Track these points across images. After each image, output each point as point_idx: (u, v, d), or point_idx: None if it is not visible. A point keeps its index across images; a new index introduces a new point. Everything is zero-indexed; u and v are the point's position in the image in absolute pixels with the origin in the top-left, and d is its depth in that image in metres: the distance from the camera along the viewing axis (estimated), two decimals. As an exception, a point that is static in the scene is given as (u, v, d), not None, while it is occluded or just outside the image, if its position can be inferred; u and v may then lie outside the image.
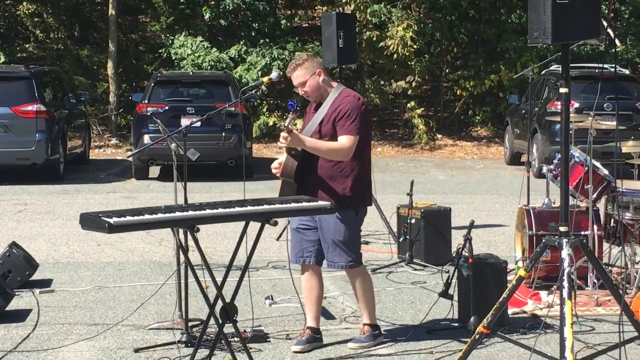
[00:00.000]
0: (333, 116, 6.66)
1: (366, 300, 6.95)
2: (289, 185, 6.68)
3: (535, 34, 5.67)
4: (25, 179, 17.11)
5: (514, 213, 9.97)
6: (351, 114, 6.62)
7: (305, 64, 6.74)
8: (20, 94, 17.00)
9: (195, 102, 18.10)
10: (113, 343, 7.00)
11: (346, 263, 6.78)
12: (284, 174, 6.68)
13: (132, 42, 28.71)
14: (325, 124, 6.70)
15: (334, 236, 6.72)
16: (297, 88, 6.85)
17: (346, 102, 6.67)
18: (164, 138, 7.22)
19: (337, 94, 6.75)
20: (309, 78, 6.73)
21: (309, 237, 6.84)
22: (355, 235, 6.83)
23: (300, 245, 6.87)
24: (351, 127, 6.61)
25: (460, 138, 25.40)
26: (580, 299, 7.99)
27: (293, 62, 6.86)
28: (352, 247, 6.79)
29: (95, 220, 5.19)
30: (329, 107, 6.70)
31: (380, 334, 6.98)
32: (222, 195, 15.13)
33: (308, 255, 6.85)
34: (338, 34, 11.54)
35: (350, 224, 6.74)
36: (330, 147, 6.62)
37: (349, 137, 6.61)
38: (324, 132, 6.69)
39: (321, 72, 6.77)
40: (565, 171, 5.90)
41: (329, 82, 6.82)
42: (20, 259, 8.72)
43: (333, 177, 6.66)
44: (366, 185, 6.85)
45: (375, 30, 24.28)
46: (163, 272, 9.39)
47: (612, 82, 17.04)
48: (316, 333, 6.92)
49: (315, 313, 6.96)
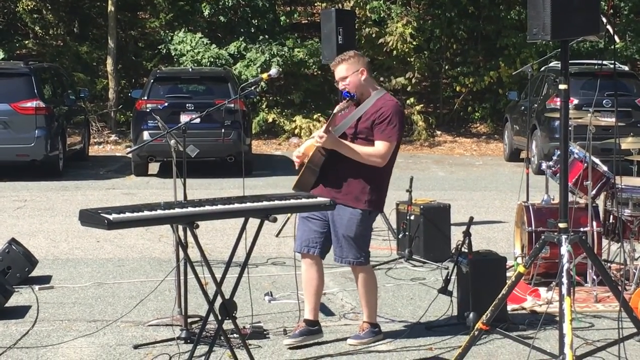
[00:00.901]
0: (373, 117, 6.63)
1: (369, 299, 6.94)
2: (312, 173, 6.63)
3: (535, 30, 5.66)
4: (25, 176, 17.11)
5: (513, 209, 9.97)
6: (392, 119, 6.60)
7: (350, 60, 6.72)
8: (20, 91, 16.99)
9: (195, 98, 18.09)
10: (112, 339, 7.00)
11: (354, 259, 6.79)
12: (312, 161, 6.63)
13: (131, 38, 28.69)
14: (363, 121, 6.67)
15: (345, 231, 6.71)
16: (337, 82, 6.81)
17: (389, 107, 6.64)
18: (164, 134, 7.21)
19: (380, 95, 6.74)
20: (351, 74, 6.70)
21: (317, 227, 6.82)
22: (367, 233, 6.85)
23: (308, 235, 6.85)
24: (391, 133, 6.60)
25: (459, 134, 25.41)
26: (579, 295, 7.99)
27: (340, 56, 6.84)
28: (362, 245, 6.79)
29: (95, 216, 5.18)
30: (370, 107, 6.67)
31: (379, 332, 6.97)
32: (221, 191, 15.14)
33: (314, 245, 6.84)
34: (337, 31, 11.54)
35: (363, 222, 6.74)
36: (367, 153, 6.61)
37: (387, 143, 6.60)
38: (360, 129, 6.68)
39: (364, 71, 6.74)
40: (565, 167, 5.91)
41: (371, 83, 6.81)
42: (19, 255, 8.72)
43: (358, 174, 6.65)
44: (385, 189, 6.87)
45: (374, 27, 24.29)
46: (162, 268, 9.40)
47: (611, 78, 17.04)
48: (313, 325, 6.90)
49: (313, 304, 6.95)
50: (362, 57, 6.86)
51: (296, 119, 23.89)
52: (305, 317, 6.95)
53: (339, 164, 6.66)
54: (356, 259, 6.79)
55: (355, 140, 6.70)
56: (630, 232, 8.33)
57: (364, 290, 6.92)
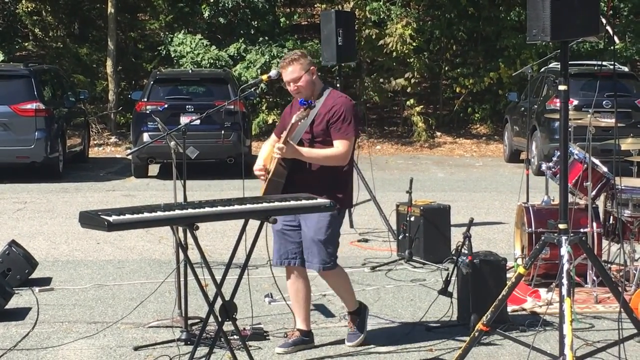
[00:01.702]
0: (327, 117, 6.54)
1: (346, 294, 6.87)
2: (276, 184, 6.54)
3: (534, 31, 5.66)
4: (25, 177, 17.11)
5: (513, 210, 9.96)
6: (346, 116, 6.52)
7: (300, 60, 6.62)
8: (20, 93, 17.00)
9: (195, 100, 18.11)
10: (112, 341, 7.00)
11: (322, 265, 6.62)
12: (276, 174, 6.55)
13: (131, 40, 28.71)
14: (317, 124, 6.57)
15: (315, 234, 6.56)
16: (287, 84, 6.69)
17: (340, 104, 6.57)
18: (164, 136, 7.22)
19: (329, 93, 6.66)
20: (303, 74, 6.61)
21: (293, 238, 6.68)
22: (335, 235, 6.67)
23: (285, 247, 6.70)
24: (348, 130, 6.52)
25: (459, 136, 25.40)
26: (579, 296, 8.00)
27: (288, 56, 6.71)
28: (330, 248, 6.62)
29: (95, 218, 5.18)
30: (321, 107, 6.58)
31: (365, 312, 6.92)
32: (221, 193, 15.14)
33: (293, 257, 6.71)
34: (337, 32, 11.55)
35: (332, 224, 6.59)
36: (327, 155, 6.52)
37: (345, 141, 6.52)
38: (316, 132, 6.58)
39: (314, 70, 6.69)
40: (565, 168, 5.91)
41: (319, 82, 6.75)
42: (19, 257, 8.72)
43: (322, 175, 6.54)
44: (350, 186, 6.75)
45: (374, 28, 24.28)
46: (162, 270, 9.40)
47: (611, 79, 17.05)
48: (306, 336, 6.83)
49: (304, 315, 6.87)
50: (308, 56, 6.78)
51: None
52: (297, 327, 6.88)
53: (301, 170, 6.55)
54: (325, 264, 6.61)
55: (313, 144, 6.60)
56: (630, 233, 8.33)
57: (339, 289, 6.86)
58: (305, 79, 6.62)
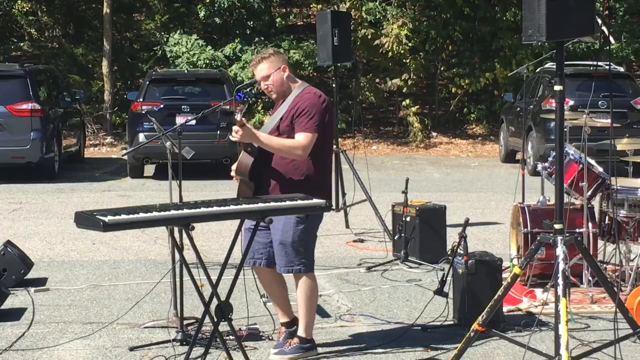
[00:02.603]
0: (292, 112, 6.47)
1: (307, 312, 6.55)
2: (246, 184, 6.48)
3: (530, 31, 5.66)
4: (20, 178, 17.09)
5: (509, 211, 9.98)
6: (310, 110, 6.43)
7: (270, 58, 6.56)
8: (15, 93, 17.00)
9: (190, 100, 18.11)
10: (108, 341, 7.00)
11: (289, 267, 6.47)
12: (239, 172, 6.48)
13: (126, 40, 28.69)
14: (283, 120, 6.50)
15: (281, 237, 6.42)
16: (259, 82, 6.64)
17: (305, 99, 6.48)
18: (159, 136, 7.22)
19: (299, 91, 6.58)
20: (273, 72, 6.55)
21: (260, 238, 6.49)
22: (304, 238, 6.47)
23: (252, 247, 6.41)
24: (308, 125, 6.40)
25: (455, 136, 25.40)
26: (575, 296, 8.01)
27: (258, 55, 6.65)
28: (300, 251, 6.44)
29: (90, 218, 5.18)
30: (290, 104, 6.52)
31: (311, 349, 6.57)
32: (217, 193, 15.14)
33: (259, 257, 6.62)
34: (333, 32, 11.56)
35: (299, 226, 6.42)
36: (284, 144, 6.41)
37: (306, 134, 6.39)
38: (282, 129, 6.50)
39: (286, 68, 6.60)
40: (560, 169, 5.91)
41: (293, 79, 6.66)
42: (15, 257, 8.71)
43: (287, 174, 6.45)
44: (322, 186, 6.57)
45: (370, 28, 24.27)
46: (158, 270, 9.39)
47: (606, 79, 17.10)
48: (290, 326, 6.73)
49: (284, 308, 6.79)
50: (281, 54, 6.73)
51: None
52: (281, 321, 6.82)
53: (268, 168, 6.48)
54: (291, 265, 6.45)
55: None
56: (625, 233, 8.34)
57: (301, 301, 6.53)
58: (275, 77, 6.57)
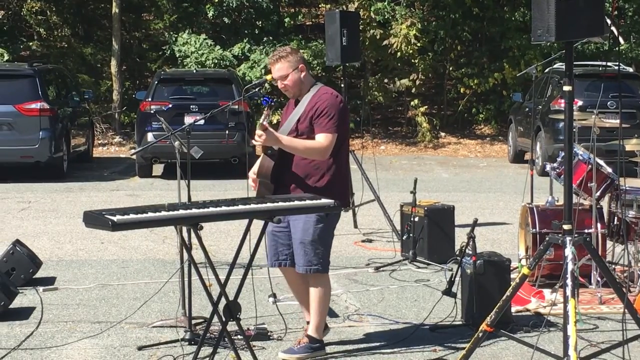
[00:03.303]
0: (310, 114, 6.50)
1: (319, 312, 6.59)
2: (266, 186, 6.52)
3: (539, 31, 5.65)
4: (29, 177, 17.13)
5: (517, 211, 9.96)
6: (329, 111, 6.45)
7: (288, 57, 6.56)
8: (24, 92, 17.02)
9: (199, 100, 18.12)
10: (116, 341, 7.01)
11: (308, 266, 6.50)
12: (261, 174, 6.53)
13: (135, 40, 28.73)
14: (302, 121, 6.54)
15: (302, 236, 6.47)
16: (276, 81, 6.66)
17: (324, 100, 6.50)
18: (168, 136, 7.23)
19: (316, 91, 6.59)
20: (291, 72, 6.55)
21: (283, 240, 6.61)
22: (323, 237, 6.51)
23: (276, 249, 6.64)
24: (329, 125, 6.44)
25: (463, 136, 25.39)
26: (583, 297, 7.99)
27: (276, 53, 6.64)
28: (318, 250, 6.48)
29: (99, 218, 5.18)
30: (307, 105, 6.54)
31: (321, 349, 6.61)
32: (225, 193, 15.15)
33: (284, 258, 6.66)
34: (341, 32, 11.55)
35: (319, 224, 6.47)
36: (307, 146, 6.46)
37: (327, 135, 6.44)
38: (301, 129, 6.54)
39: (304, 67, 6.61)
40: (569, 169, 5.90)
41: (309, 79, 6.67)
42: (23, 256, 8.72)
43: (308, 175, 6.49)
44: (341, 185, 6.66)
45: (378, 28, 24.27)
46: (166, 270, 9.40)
47: (615, 80, 17.06)
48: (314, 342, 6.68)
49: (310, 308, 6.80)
50: (299, 53, 6.71)
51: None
52: (306, 319, 6.86)
53: (289, 169, 6.52)
54: (311, 266, 6.49)
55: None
56: (634, 234, 8.32)
57: (314, 301, 6.58)
58: (292, 77, 6.57)
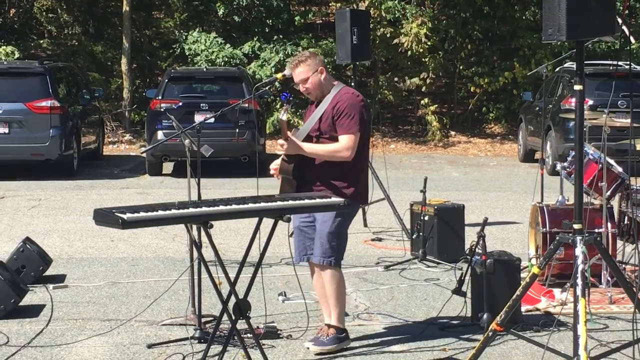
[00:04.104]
0: (332, 114, 6.59)
1: (338, 302, 6.71)
2: (289, 182, 6.63)
3: (550, 30, 5.64)
4: (39, 175, 17.16)
5: (527, 210, 9.95)
6: (350, 112, 6.55)
7: (308, 61, 6.67)
8: (35, 90, 17.05)
9: (209, 98, 18.11)
10: (126, 339, 7.02)
11: (323, 257, 6.63)
12: (282, 171, 6.65)
13: (146, 38, 28.75)
14: (324, 121, 6.64)
15: (321, 227, 6.61)
16: (297, 85, 6.76)
17: (344, 100, 6.60)
18: (178, 134, 7.24)
19: (337, 91, 6.69)
20: (311, 75, 6.66)
21: (310, 234, 6.74)
22: (341, 231, 6.66)
23: (304, 244, 6.78)
24: (351, 125, 6.54)
25: (473, 135, 25.36)
26: (593, 296, 7.97)
27: (295, 58, 6.78)
28: (335, 243, 6.62)
29: (109, 216, 5.19)
30: (328, 105, 6.64)
31: (346, 338, 6.74)
32: (235, 191, 15.16)
33: (311, 252, 6.75)
34: (352, 31, 11.55)
35: (337, 218, 6.59)
36: (330, 150, 6.57)
37: (349, 136, 6.54)
38: (323, 129, 6.64)
39: (323, 69, 6.71)
40: (580, 168, 5.89)
41: (330, 80, 6.77)
42: (34, 254, 8.74)
43: (330, 171, 6.60)
44: (362, 181, 6.77)
45: (389, 27, 24.25)
46: (176, 268, 9.41)
47: (626, 79, 16.96)
48: (340, 333, 6.75)
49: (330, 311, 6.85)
50: (317, 56, 6.83)
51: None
52: (325, 322, 6.83)
53: (311, 167, 6.63)
54: (326, 257, 6.62)
55: (320, 140, 6.67)
56: (645, 234, 8.31)
57: (332, 292, 6.69)
58: (313, 80, 6.68)
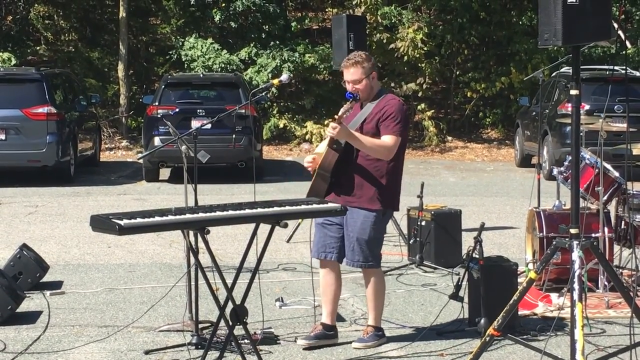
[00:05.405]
0: (377, 116, 6.80)
1: (376, 303, 7.01)
2: (323, 179, 6.76)
3: (546, 35, 5.65)
4: (36, 181, 17.14)
5: (524, 215, 9.95)
6: (396, 116, 6.78)
7: (365, 64, 6.86)
8: (31, 96, 17.03)
9: (206, 104, 18.10)
10: (123, 345, 7.01)
11: (365, 262, 6.88)
12: (322, 167, 6.76)
13: (142, 44, 28.77)
14: (368, 122, 6.84)
15: (359, 234, 6.81)
16: (346, 82, 6.91)
17: (392, 105, 6.83)
18: (175, 140, 7.23)
19: (383, 96, 6.90)
20: (364, 78, 6.84)
21: (333, 233, 6.93)
22: (380, 236, 6.94)
23: (324, 241, 6.96)
24: (395, 128, 6.76)
25: (470, 140, 25.38)
26: (590, 301, 7.98)
27: (352, 57, 6.94)
28: (374, 248, 6.89)
29: (106, 222, 5.19)
30: (374, 107, 6.85)
31: (383, 336, 7.04)
32: (232, 197, 15.14)
33: (330, 251, 6.94)
34: (348, 36, 11.54)
35: (376, 224, 6.85)
36: (375, 143, 6.75)
37: (393, 137, 6.76)
38: (366, 129, 6.82)
39: (375, 75, 6.94)
40: (576, 173, 5.89)
41: (378, 85, 6.98)
42: (31, 260, 8.73)
43: (369, 175, 6.80)
44: (397, 188, 6.97)
45: (385, 33, 24.29)
46: (173, 274, 9.40)
47: (622, 84, 17.03)
48: (329, 330, 6.99)
49: (330, 309, 7.04)
50: (372, 60, 7.00)
51: (307, 124, 23.92)
52: (322, 320, 7.03)
53: (349, 168, 6.81)
54: (367, 261, 6.87)
55: None
56: (641, 238, 8.31)
57: (372, 293, 6.99)
58: (364, 82, 6.87)
